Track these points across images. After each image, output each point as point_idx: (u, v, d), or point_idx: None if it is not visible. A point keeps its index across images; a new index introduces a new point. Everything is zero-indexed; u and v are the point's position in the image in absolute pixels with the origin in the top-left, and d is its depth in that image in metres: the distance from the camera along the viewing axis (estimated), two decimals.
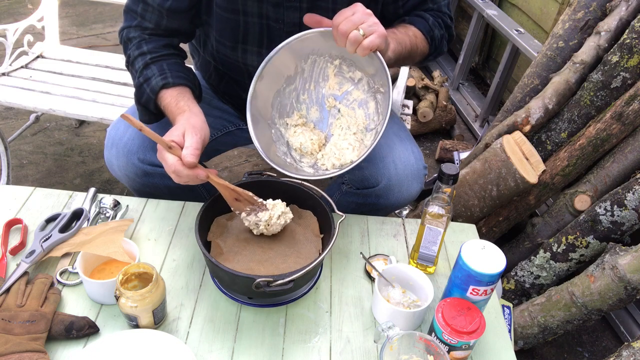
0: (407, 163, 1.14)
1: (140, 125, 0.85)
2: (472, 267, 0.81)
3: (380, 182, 1.13)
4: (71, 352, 0.81)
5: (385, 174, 1.13)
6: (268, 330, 0.89)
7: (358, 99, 1.10)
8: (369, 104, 1.09)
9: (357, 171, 1.16)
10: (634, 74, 1.42)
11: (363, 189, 1.17)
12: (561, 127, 1.59)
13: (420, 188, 1.19)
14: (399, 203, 1.17)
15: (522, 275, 1.55)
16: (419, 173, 1.17)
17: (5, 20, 3.30)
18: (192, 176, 0.87)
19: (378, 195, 1.15)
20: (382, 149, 1.14)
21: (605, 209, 1.37)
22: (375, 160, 1.14)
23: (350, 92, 1.11)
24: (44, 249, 0.94)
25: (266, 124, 1.08)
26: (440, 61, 3.13)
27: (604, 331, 1.67)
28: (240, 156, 2.33)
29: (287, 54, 1.03)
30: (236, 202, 0.97)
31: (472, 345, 0.81)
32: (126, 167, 1.11)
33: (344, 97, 1.12)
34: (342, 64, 1.09)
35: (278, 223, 0.97)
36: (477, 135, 2.53)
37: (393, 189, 1.14)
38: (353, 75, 1.09)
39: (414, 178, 1.15)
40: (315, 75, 1.11)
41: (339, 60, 1.08)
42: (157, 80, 1.01)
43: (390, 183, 1.13)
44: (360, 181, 1.16)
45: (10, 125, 2.34)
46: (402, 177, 1.13)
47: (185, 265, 0.99)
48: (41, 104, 1.68)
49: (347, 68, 1.09)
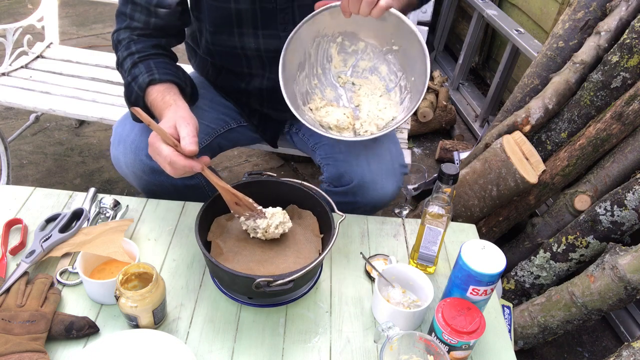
0: (382, 160, 1.14)
1: (149, 121, 0.86)
2: (472, 267, 0.81)
3: (353, 180, 1.13)
4: (71, 352, 0.81)
5: (358, 171, 1.13)
6: (268, 330, 0.89)
7: (367, 67, 1.16)
8: (379, 68, 1.16)
9: (333, 169, 1.17)
10: (634, 74, 1.42)
11: (340, 186, 1.17)
12: (561, 127, 1.59)
13: (397, 186, 1.18)
14: (375, 202, 1.17)
15: (522, 275, 1.55)
16: (395, 171, 1.16)
17: (5, 20, 3.30)
18: (188, 167, 0.86)
19: (354, 193, 1.15)
20: (357, 146, 1.15)
21: (605, 209, 1.37)
22: (350, 157, 1.14)
23: (357, 64, 1.17)
24: (44, 249, 0.94)
25: (302, 112, 1.11)
26: (440, 61, 3.14)
27: (604, 331, 1.67)
28: (240, 156, 2.33)
29: (297, 41, 1.05)
30: (236, 206, 0.97)
31: (472, 345, 0.81)
32: (134, 164, 1.11)
33: (353, 71, 1.17)
34: (344, 40, 1.12)
35: (276, 232, 0.97)
36: (477, 135, 2.53)
37: (368, 186, 1.14)
38: (356, 47, 1.13)
39: (389, 176, 1.14)
40: (320, 58, 1.15)
41: (340, 37, 1.11)
42: (144, 77, 1.01)
43: (364, 181, 1.13)
44: (336, 179, 1.17)
45: (10, 125, 2.34)
46: (375, 174, 1.13)
47: (185, 265, 0.99)
48: (41, 104, 1.68)
49: (349, 42, 1.12)
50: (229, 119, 1.29)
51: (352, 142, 1.15)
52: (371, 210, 1.19)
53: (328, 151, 1.21)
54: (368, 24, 1.04)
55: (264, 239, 0.98)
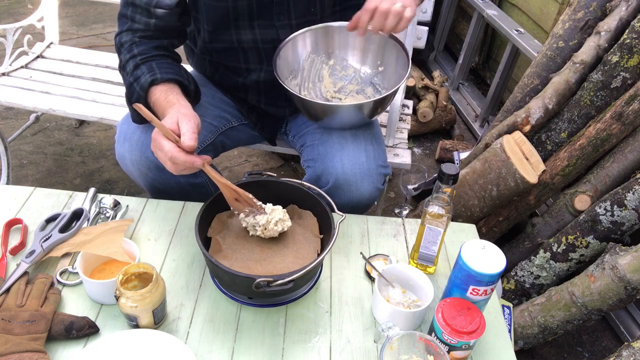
0: (356, 162, 1.13)
1: (151, 117, 0.86)
2: (472, 267, 0.81)
3: (329, 181, 1.14)
4: (71, 352, 0.81)
5: (332, 172, 1.13)
6: (268, 330, 0.89)
7: (354, 89, 1.24)
8: (365, 90, 1.25)
9: (312, 171, 1.19)
10: (634, 74, 1.42)
11: (319, 188, 1.16)
12: (561, 127, 1.59)
13: (374, 187, 1.16)
14: (353, 203, 1.16)
15: (522, 275, 1.55)
16: (371, 172, 1.14)
17: (5, 20, 3.30)
18: (189, 162, 0.86)
19: (332, 194, 1.13)
20: (333, 147, 1.15)
21: (605, 209, 1.37)
22: (327, 159, 1.14)
23: (345, 87, 1.24)
24: (44, 249, 0.94)
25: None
26: (440, 61, 3.14)
27: (604, 331, 1.67)
28: (240, 156, 2.33)
29: (294, 46, 1.14)
30: (236, 202, 0.97)
31: (472, 345, 0.81)
32: (139, 162, 1.11)
33: (341, 91, 1.25)
34: (335, 64, 1.21)
35: (275, 229, 0.97)
36: (477, 135, 2.53)
37: (342, 188, 1.13)
38: (345, 73, 1.23)
39: (364, 178, 1.13)
40: (312, 75, 1.23)
41: (333, 61, 1.20)
42: (146, 77, 1.01)
43: (338, 182, 1.13)
44: (314, 180, 1.17)
45: (10, 125, 2.34)
46: (349, 176, 1.12)
47: (185, 265, 0.99)
48: (41, 104, 1.68)
49: (340, 67, 1.22)
50: (230, 116, 1.30)
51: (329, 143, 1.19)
52: (352, 211, 1.18)
53: (309, 153, 1.22)
54: (356, 44, 1.17)
55: (263, 236, 0.98)
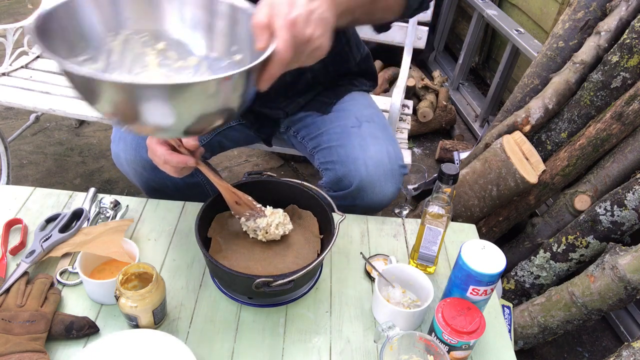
0: (380, 163, 1.12)
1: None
2: (472, 267, 0.81)
3: (352, 184, 1.13)
4: (71, 352, 0.81)
5: (356, 175, 1.12)
6: (268, 330, 0.89)
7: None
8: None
9: (332, 173, 1.16)
10: (634, 74, 1.42)
11: (339, 190, 1.16)
12: (561, 127, 1.59)
13: (397, 188, 1.17)
14: (375, 204, 1.16)
15: (522, 275, 1.55)
16: (394, 173, 1.14)
17: (5, 20, 3.30)
18: (182, 162, 0.86)
19: (354, 197, 1.14)
20: (354, 149, 1.13)
21: (605, 209, 1.37)
22: (348, 161, 1.13)
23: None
24: (44, 249, 0.94)
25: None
26: (440, 61, 3.14)
27: (604, 331, 1.67)
28: (240, 156, 2.33)
29: (85, 10, 0.71)
30: (236, 206, 0.97)
31: (472, 345, 0.81)
32: (135, 161, 1.11)
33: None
34: (169, 49, 0.78)
35: (276, 233, 0.96)
36: (477, 135, 2.53)
37: (366, 190, 1.13)
38: (185, 62, 0.78)
39: (388, 179, 1.13)
40: (128, 62, 0.77)
41: (163, 43, 0.77)
42: None
43: (362, 184, 1.12)
44: (335, 183, 1.16)
45: (10, 125, 2.34)
46: (374, 178, 1.12)
47: (185, 265, 0.99)
48: (41, 104, 1.68)
49: (176, 54, 0.78)
50: None
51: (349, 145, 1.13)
52: (370, 213, 1.19)
53: (326, 155, 1.20)
54: (198, 19, 0.76)
55: (265, 240, 0.98)
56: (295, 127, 1.33)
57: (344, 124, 1.20)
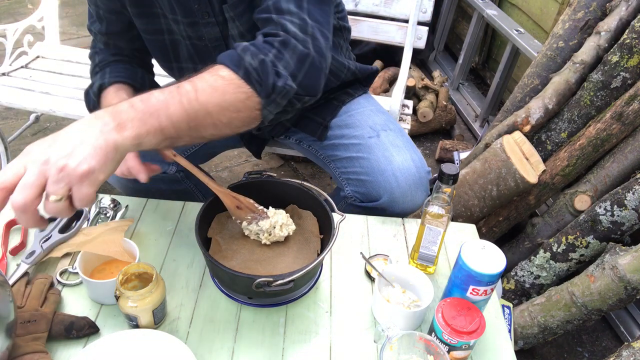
0: (409, 174, 1.11)
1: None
2: (472, 267, 0.81)
3: (382, 196, 1.11)
4: (71, 352, 0.81)
5: (387, 188, 1.10)
6: (268, 330, 0.89)
7: None
8: None
9: (358, 185, 1.14)
10: (634, 74, 1.42)
11: (368, 202, 1.15)
12: (561, 127, 1.59)
13: (426, 194, 1.15)
14: (405, 212, 1.16)
15: (522, 275, 1.55)
16: (422, 181, 1.13)
17: (5, 20, 3.30)
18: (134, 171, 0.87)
19: (384, 208, 1.13)
20: (380, 161, 1.12)
21: (605, 209, 1.37)
22: (375, 174, 1.11)
23: None
24: (44, 250, 0.94)
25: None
26: (440, 61, 3.14)
27: (604, 331, 1.67)
28: (240, 156, 2.33)
29: None
30: (238, 210, 0.96)
31: (472, 345, 0.81)
32: (116, 176, 1.11)
33: None
34: None
35: (280, 235, 0.96)
36: (477, 135, 2.53)
37: (397, 201, 1.12)
38: None
39: (418, 187, 1.12)
40: None
41: None
42: (97, 84, 1.02)
43: (394, 196, 1.11)
44: (363, 195, 1.15)
45: (10, 125, 2.34)
46: (404, 189, 1.11)
47: (185, 265, 0.99)
48: (41, 104, 1.68)
49: None
50: None
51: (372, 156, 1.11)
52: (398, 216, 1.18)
53: (347, 166, 1.17)
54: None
55: (268, 243, 0.98)
56: (297, 136, 1.30)
57: (360, 135, 1.17)
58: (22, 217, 0.61)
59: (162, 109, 0.69)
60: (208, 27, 0.98)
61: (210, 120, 0.74)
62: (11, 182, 0.60)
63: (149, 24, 1.01)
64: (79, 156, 0.61)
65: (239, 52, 0.76)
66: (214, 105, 0.72)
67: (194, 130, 0.73)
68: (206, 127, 0.74)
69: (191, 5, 0.94)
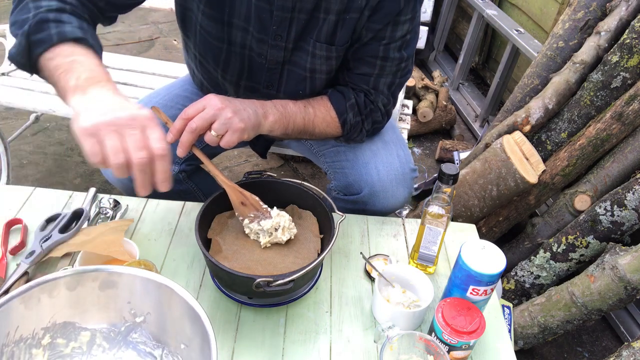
0: (391, 168, 1.11)
1: (167, 119, 0.85)
2: (472, 267, 0.81)
3: (363, 189, 1.12)
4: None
5: (368, 180, 1.11)
6: (268, 330, 0.89)
7: None
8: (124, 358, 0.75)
9: (342, 177, 1.15)
10: (634, 74, 1.42)
11: (350, 195, 1.16)
12: (561, 127, 1.59)
13: (409, 192, 1.16)
14: (386, 208, 1.16)
15: (522, 275, 1.55)
16: (405, 177, 1.13)
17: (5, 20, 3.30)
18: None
19: (364, 202, 1.14)
20: (365, 154, 1.13)
21: (605, 209, 1.37)
22: (358, 166, 1.12)
23: None
24: (44, 249, 0.94)
25: None
26: (440, 61, 3.14)
27: (604, 331, 1.67)
28: (240, 156, 2.33)
29: None
30: (242, 207, 0.96)
31: (472, 345, 0.81)
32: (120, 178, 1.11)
33: None
34: (54, 339, 0.70)
35: (282, 238, 0.96)
36: (477, 135, 2.53)
37: (378, 195, 1.12)
38: (76, 343, 0.72)
39: (399, 183, 1.12)
40: None
41: (48, 336, 0.70)
42: (72, 29, 0.81)
43: (374, 190, 1.11)
44: (345, 187, 1.15)
45: (10, 125, 2.34)
46: (386, 183, 1.11)
47: (185, 265, 0.99)
48: (41, 104, 1.68)
49: (64, 339, 0.71)
50: None
51: (358, 148, 1.14)
52: (380, 215, 1.18)
53: (334, 158, 1.19)
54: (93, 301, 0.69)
55: (269, 245, 0.97)
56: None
57: None
58: (179, 149, 0.86)
59: (292, 116, 1.01)
60: (274, 50, 1.01)
61: (310, 134, 1.06)
62: (191, 116, 0.85)
63: (216, 29, 1.00)
64: (241, 116, 0.88)
65: (347, 106, 1.05)
66: (319, 129, 1.07)
67: (298, 134, 1.05)
68: (306, 135, 1.07)
69: (270, 25, 0.97)
